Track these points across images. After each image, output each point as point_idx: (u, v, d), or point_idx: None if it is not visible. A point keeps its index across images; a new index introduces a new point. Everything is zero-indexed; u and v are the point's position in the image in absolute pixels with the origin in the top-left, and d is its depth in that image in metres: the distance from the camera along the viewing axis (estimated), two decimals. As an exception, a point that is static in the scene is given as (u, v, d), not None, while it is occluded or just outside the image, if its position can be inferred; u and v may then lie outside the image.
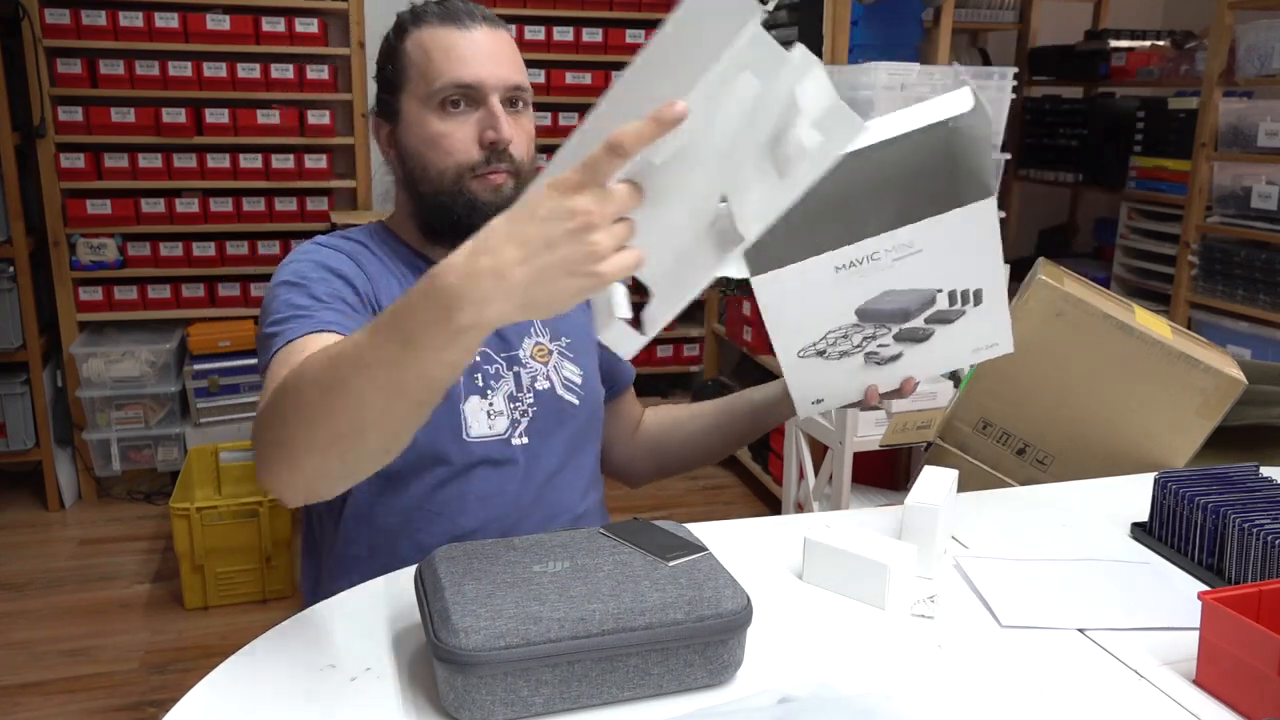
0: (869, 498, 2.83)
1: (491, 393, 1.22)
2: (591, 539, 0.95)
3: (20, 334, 3.17)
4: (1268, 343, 2.84)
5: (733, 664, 0.87)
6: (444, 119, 1.17)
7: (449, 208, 1.18)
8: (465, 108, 1.17)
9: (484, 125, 1.17)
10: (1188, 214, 3.07)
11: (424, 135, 1.18)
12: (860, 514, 1.27)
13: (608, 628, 0.81)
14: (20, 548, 3.06)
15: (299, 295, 1.12)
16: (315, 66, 3.38)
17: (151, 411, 3.35)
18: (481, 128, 1.17)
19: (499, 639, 0.79)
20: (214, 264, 3.40)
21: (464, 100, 1.17)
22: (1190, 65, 3.47)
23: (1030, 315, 1.46)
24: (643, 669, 0.83)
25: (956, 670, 0.92)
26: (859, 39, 2.79)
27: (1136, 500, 1.28)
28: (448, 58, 1.16)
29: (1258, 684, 0.83)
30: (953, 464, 1.48)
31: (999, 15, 3.99)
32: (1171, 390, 1.43)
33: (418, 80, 1.18)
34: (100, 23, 3.16)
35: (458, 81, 1.16)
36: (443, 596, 0.83)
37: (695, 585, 0.86)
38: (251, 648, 0.91)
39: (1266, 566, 1.04)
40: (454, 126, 1.17)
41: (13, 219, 3.12)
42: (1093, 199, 4.25)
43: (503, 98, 1.18)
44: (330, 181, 3.46)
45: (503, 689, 0.80)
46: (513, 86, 1.19)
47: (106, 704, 2.31)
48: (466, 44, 1.17)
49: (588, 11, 3.63)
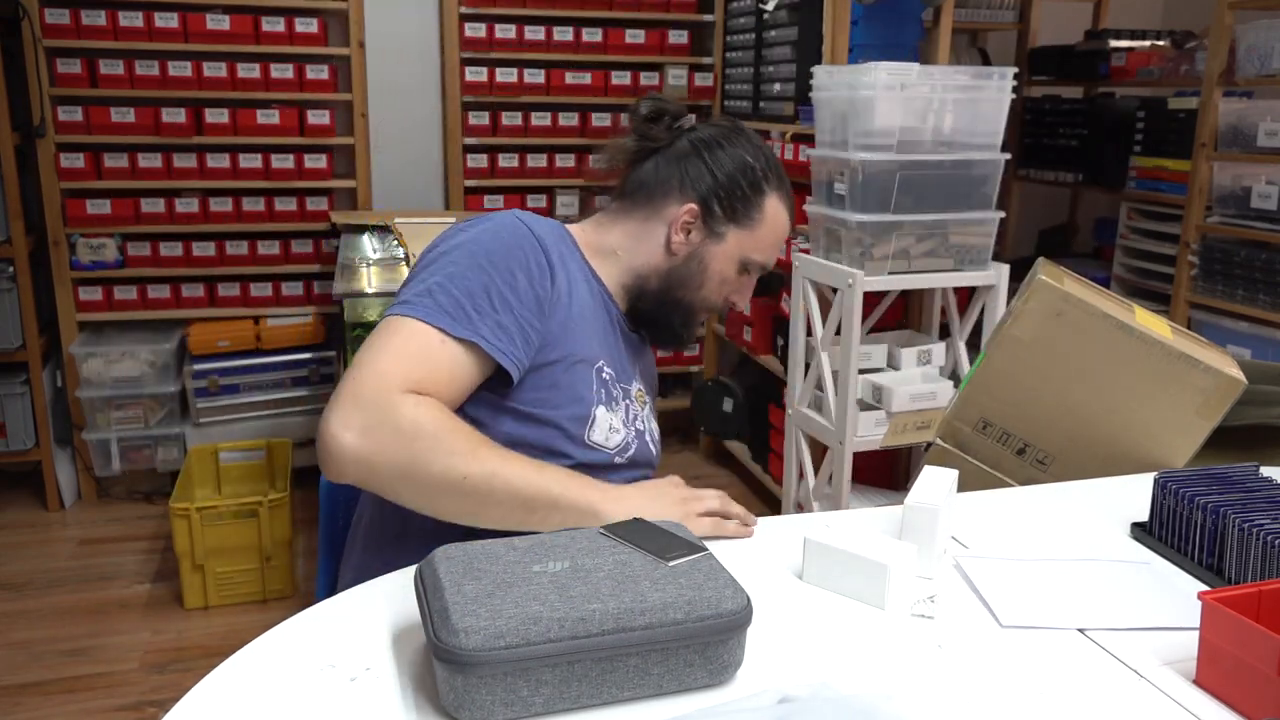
0: (869, 498, 2.83)
1: (614, 411, 1.29)
2: (592, 539, 0.95)
3: (20, 334, 3.17)
4: (1268, 343, 2.84)
5: (733, 664, 0.87)
6: (739, 274, 1.37)
7: (679, 319, 1.37)
8: (746, 273, 1.38)
9: (741, 291, 1.39)
10: (1188, 214, 3.07)
11: (721, 271, 1.34)
12: (860, 514, 1.27)
13: (608, 628, 0.81)
14: (20, 548, 3.06)
15: (476, 283, 1.16)
16: (315, 66, 3.38)
17: (151, 411, 3.35)
18: (738, 289, 1.39)
19: (499, 639, 0.79)
20: (214, 264, 3.39)
21: (752, 271, 1.38)
22: (1190, 65, 3.47)
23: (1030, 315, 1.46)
24: (643, 669, 0.83)
25: (956, 670, 0.92)
26: (859, 39, 2.79)
27: (1136, 500, 1.28)
28: (774, 243, 1.37)
29: (1258, 684, 0.83)
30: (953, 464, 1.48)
31: (999, 15, 3.99)
32: (1171, 390, 1.43)
33: (754, 239, 1.34)
34: (100, 23, 3.16)
35: (768, 266, 1.38)
36: (443, 596, 0.83)
37: (695, 585, 0.86)
38: (251, 648, 0.91)
39: (1266, 566, 1.04)
40: (734, 280, 1.37)
41: (13, 219, 3.12)
42: (1093, 199, 4.25)
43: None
44: (330, 181, 3.46)
45: (502, 689, 0.80)
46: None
47: (106, 704, 2.31)
48: (784, 238, 1.40)
49: (588, 11, 3.63)
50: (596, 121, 3.73)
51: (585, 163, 3.74)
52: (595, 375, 1.27)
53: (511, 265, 1.19)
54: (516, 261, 1.20)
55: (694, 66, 3.77)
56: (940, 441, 1.56)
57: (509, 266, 1.19)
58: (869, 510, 1.27)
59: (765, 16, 3.29)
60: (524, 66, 3.61)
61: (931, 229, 2.47)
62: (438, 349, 1.13)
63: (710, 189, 1.32)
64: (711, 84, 3.76)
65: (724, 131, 1.36)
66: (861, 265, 2.42)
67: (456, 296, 1.15)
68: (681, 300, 1.34)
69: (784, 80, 3.20)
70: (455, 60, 3.55)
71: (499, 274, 1.18)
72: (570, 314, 1.24)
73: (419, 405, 1.09)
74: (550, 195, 3.77)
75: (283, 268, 3.47)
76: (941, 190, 2.45)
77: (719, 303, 1.38)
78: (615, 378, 1.31)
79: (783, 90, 3.21)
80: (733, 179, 1.32)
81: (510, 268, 1.19)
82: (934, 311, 2.82)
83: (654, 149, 1.35)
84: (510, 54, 3.58)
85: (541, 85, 3.63)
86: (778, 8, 3.19)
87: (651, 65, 3.74)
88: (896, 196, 2.39)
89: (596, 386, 1.26)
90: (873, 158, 2.35)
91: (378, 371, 1.09)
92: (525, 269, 1.20)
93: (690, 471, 3.65)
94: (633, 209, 1.34)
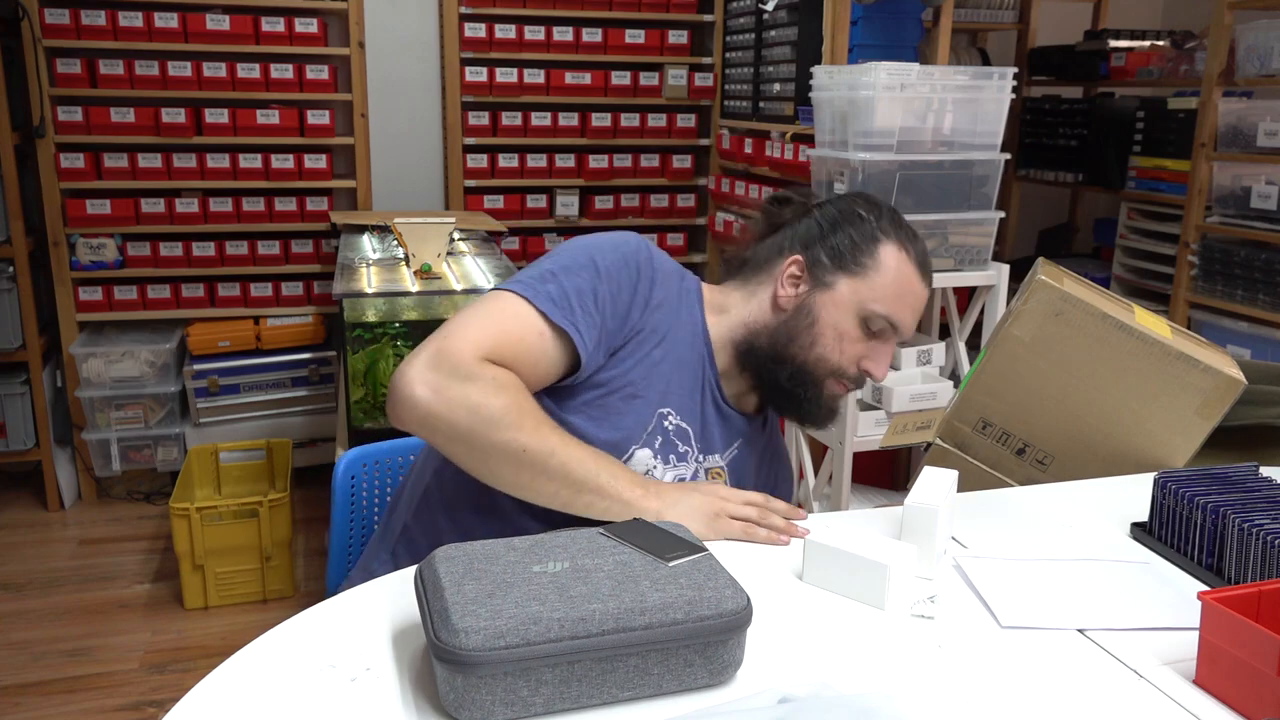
0: (869, 498, 2.83)
1: (667, 464, 1.27)
2: (592, 540, 0.95)
3: (20, 334, 3.17)
4: (1268, 343, 2.84)
5: (733, 664, 0.87)
6: (861, 331, 1.27)
7: (795, 381, 1.28)
8: (875, 333, 1.28)
9: (873, 356, 1.28)
10: (1187, 214, 3.07)
11: (837, 326, 1.27)
12: (860, 514, 1.27)
13: (608, 628, 0.81)
14: (20, 548, 3.06)
15: (585, 281, 1.18)
16: (315, 66, 3.38)
17: (151, 411, 3.35)
18: (870, 355, 1.28)
19: (499, 639, 0.79)
20: (214, 264, 3.40)
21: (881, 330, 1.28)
22: (1190, 65, 3.47)
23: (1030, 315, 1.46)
24: (643, 669, 0.83)
25: (956, 670, 0.92)
26: (859, 39, 2.79)
27: (1136, 500, 1.28)
28: (901, 298, 1.27)
29: (1258, 684, 0.83)
30: (953, 464, 1.48)
31: (999, 15, 3.99)
32: (1171, 390, 1.43)
33: (870, 288, 1.26)
34: (100, 23, 3.16)
35: (896, 323, 1.27)
36: (443, 596, 0.83)
37: (695, 585, 0.86)
38: (251, 648, 0.91)
39: (1266, 566, 1.04)
40: (859, 342, 1.28)
41: (13, 219, 3.12)
42: (1093, 199, 4.26)
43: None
44: (330, 181, 3.46)
45: (502, 689, 0.79)
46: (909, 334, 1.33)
47: (106, 704, 2.31)
48: (917, 297, 1.29)
49: (588, 11, 3.63)
50: (596, 121, 3.73)
51: (585, 163, 3.74)
52: (655, 418, 1.25)
53: (621, 278, 1.21)
54: (627, 277, 1.22)
55: (694, 66, 3.77)
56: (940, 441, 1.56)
57: (618, 278, 1.21)
58: (869, 510, 1.27)
59: (765, 16, 3.29)
60: (524, 66, 3.61)
61: (931, 229, 2.47)
62: (532, 329, 1.16)
63: (816, 238, 1.30)
64: (711, 84, 3.76)
65: (844, 196, 1.35)
66: (861, 265, 2.42)
67: (565, 288, 1.17)
68: (794, 358, 1.27)
69: (784, 80, 3.20)
70: (455, 60, 3.55)
71: (607, 281, 1.20)
72: (654, 351, 1.24)
73: (496, 378, 1.11)
74: (550, 195, 3.77)
75: (283, 268, 3.47)
76: (941, 190, 2.45)
77: (842, 363, 1.27)
78: (685, 435, 1.28)
79: (783, 90, 3.21)
80: (838, 226, 1.29)
81: (619, 279, 1.21)
82: (934, 311, 2.82)
83: (780, 225, 1.36)
84: (510, 54, 3.58)
85: (541, 85, 3.63)
86: (778, 8, 3.19)
87: (651, 65, 3.74)
88: (896, 196, 2.39)
89: (652, 428, 1.25)
90: (873, 158, 2.35)
91: (467, 336, 1.12)
92: (632, 286, 1.22)
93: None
94: (752, 275, 1.34)
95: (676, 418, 1.27)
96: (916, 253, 1.30)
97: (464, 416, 1.09)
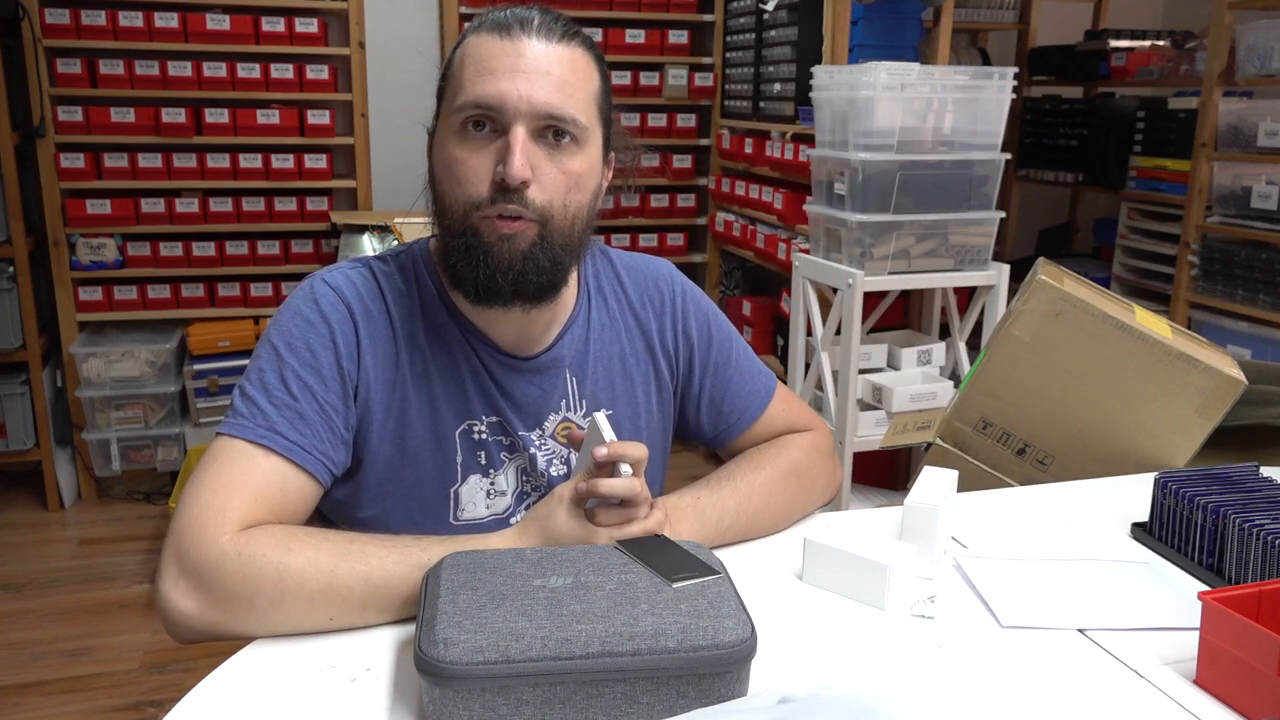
0: (869, 498, 2.83)
1: (495, 471, 1.12)
2: (604, 555, 0.91)
3: (20, 334, 3.17)
4: (1268, 343, 2.84)
5: (731, 699, 0.81)
6: (462, 142, 1.00)
7: (456, 247, 1.02)
8: (489, 132, 1.00)
9: (499, 157, 0.99)
10: (1188, 214, 3.07)
11: (443, 159, 1.02)
12: (860, 514, 1.27)
13: (592, 650, 0.78)
14: (20, 548, 3.05)
15: (272, 375, 1.01)
16: (315, 66, 3.38)
17: (151, 411, 3.35)
18: (497, 159, 0.99)
19: (478, 653, 0.76)
20: (214, 264, 3.39)
21: (488, 123, 0.99)
22: (1190, 65, 3.47)
23: (1030, 315, 1.46)
24: (630, 696, 0.79)
25: (956, 670, 0.92)
26: (859, 39, 2.79)
27: (1136, 500, 1.28)
28: (479, 71, 0.99)
29: (1258, 684, 0.83)
30: (953, 464, 1.49)
31: (999, 15, 3.99)
32: (1171, 390, 1.43)
33: (451, 94, 1.02)
34: (100, 23, 3.16)
35: (478, 100, 0.98)
36: (436, 604, 0.81)
37: (694, 613, 0.82)
38: (251, 648, 0.91)
39: (1266, 566, 1.04)
40: (469, 152, 1.00)
41: (13, 219, 3.12)
42: (1093, 199, 4.25)
43: (534, 126, 0.99)
44: (330, 182, 3.46)
45: (480, 705, 0.77)
46: (546, 114, 0.99)
47: (106, 704, 2.31)
48: (504, 57, 0.99)
49: (588, 11, 3.63)
50: (596, 121, 3.72)
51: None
52: (458, 441, 1.09)
53: (311, 342, 1.02)
54: (316, 337, 1.03)
55: (694, 66, 3.77)
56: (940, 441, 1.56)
57: (308, 344, 1.02)
58: (869, 510, 1.27)
59: (765, 16, 3.29)
60: (524, 66, 3.60)
61: (931, 229, 2.47)
62: (252, 466, 0.97)
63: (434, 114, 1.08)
64: (711, 84, 3.76)
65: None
66: (861, 265, 2.43)
67: (252, 396, 1.00)
68: (445, 227, 1.04)
69: (784, 80, 3.20)
70: (455, 60, 3.54)
71: (295, 355, 1.02)
72: (409, 382, 1.06)
73: (244, 549, 0.91)
74: (550, 195, 3.77)
75: (283, 268, 3.46)
76: (941, 190, 2.45)
77: (473, 193, 1.00)
78: (493, 429, 1.11)
79: (783, 90, 3.21)
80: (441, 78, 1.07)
81: (310, 345, 1.02)
82: (934, 311, 2.82)
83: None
84: (510, 54, 3.57)
85: (541, 85, 3.62)
86: (778, 8, 3.19)
87: (651, 65, 3.73)
88: (896, 196, 2.40)
89: (462, 456, 1.09)
90: (873, 158, 2.35)
91: (193, 518, 0.93)
92: (327, 343, 1.03)
93: (690, 471, 3.65)
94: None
95: (482, 419, 1.10)
96: (491, 22, 1.02)
97: (236, 608, 0.91)
